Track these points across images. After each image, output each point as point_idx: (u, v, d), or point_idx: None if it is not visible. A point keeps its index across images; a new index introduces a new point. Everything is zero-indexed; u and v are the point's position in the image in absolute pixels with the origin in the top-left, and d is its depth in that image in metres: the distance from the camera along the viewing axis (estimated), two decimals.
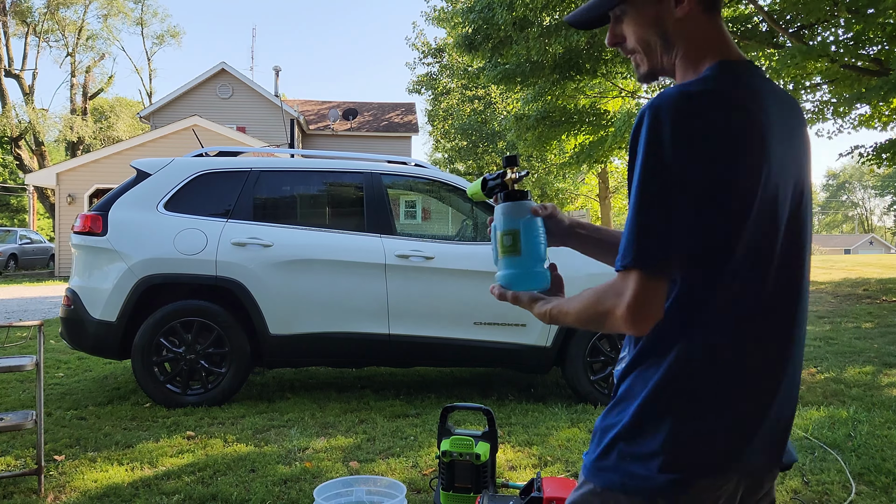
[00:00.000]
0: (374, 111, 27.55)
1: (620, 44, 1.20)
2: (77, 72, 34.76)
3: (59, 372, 6.00)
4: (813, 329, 8.34)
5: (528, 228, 1.24)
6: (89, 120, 34.22)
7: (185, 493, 3.15)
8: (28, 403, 4.87)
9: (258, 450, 3.78)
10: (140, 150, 17.80)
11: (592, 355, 4.82)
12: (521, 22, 12.07)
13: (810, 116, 13.48)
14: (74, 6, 33.23)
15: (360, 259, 4.81)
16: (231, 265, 4.72)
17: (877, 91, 9.56)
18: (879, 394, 5.11)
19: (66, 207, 18.35)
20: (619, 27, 1.19)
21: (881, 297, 11.24)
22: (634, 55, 1.19)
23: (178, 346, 4.71)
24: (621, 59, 12.93)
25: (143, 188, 4.91)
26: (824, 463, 3.56)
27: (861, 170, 74.94)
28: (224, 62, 23.55)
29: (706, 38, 1.13)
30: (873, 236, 65.65)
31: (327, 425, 4.29)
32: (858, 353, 6.79)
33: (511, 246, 1.23)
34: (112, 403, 4.83)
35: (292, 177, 5.22)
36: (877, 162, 12.27)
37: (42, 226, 40.24)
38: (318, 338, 4.74)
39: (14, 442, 3.95)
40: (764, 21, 11.86)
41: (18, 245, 21.96)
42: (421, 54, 31.91)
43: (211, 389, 4.73)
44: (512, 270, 1.24)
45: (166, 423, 4.30)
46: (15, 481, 3.30)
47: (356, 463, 3.59)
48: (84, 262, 4.84)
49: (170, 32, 39.89)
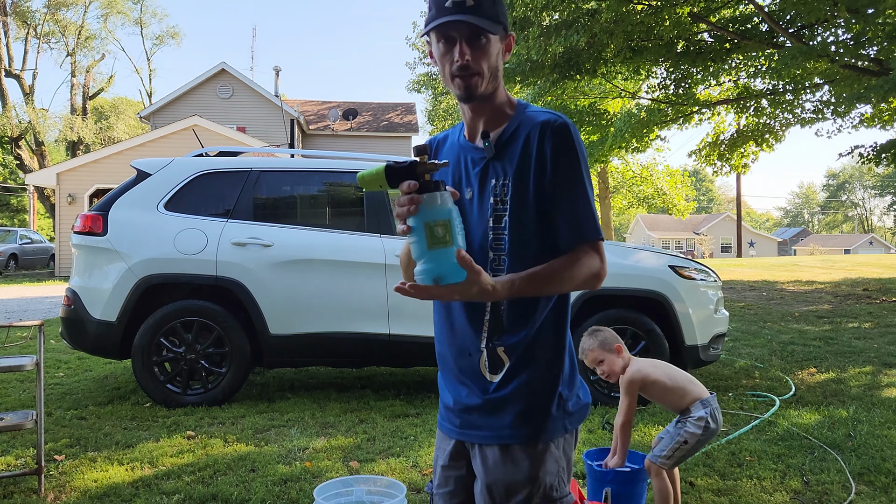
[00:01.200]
0: (374, 111, 27.54)
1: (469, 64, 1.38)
2: (77, 72, 34.77)
3: (59, 372, 6.00)
4: (813, 329, 8.35)
5: (456, 217, 1.23)
6: (89, 120, 34.21)
7: (185, 492, 3.15)
8: (28, 403, 4.87)
9: (258, 450, 3.78)
10: (140, 150, 17.79)
11: None
12: (521, 22, 12.06)
13: (810, 116, 13.49)
14: (74, 7, 33.23)
15: (360, 259, 4.81)
16: (231, 265, 4.73)
17: (877, 90, 9.56)
18: (879, 394, 5.12)
19: (67, 207, 18.34)
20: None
21: (881, 297, 11.24)
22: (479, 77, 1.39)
23: (179, 346, 4.71)
24: (621, 60, 12.92)
25: (144, 188, 4.91)
26: (824, 463, 3.57)
27: (861, 170, 74.99)
28: (224, 62, 23.53)
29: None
30: (873, 236, 65.63)
31: (327, 425, 4.29)
32: (858, 353, 6.79)
33: (443, 237, 1.19)
34: (112, 403, 4.83)
35: (292, 177, 5.22)
36: (876, 161, 12.27)
37: (42, 226, 40.25)
38: (318, 338, 4.75)
39: (14, 442, 3.95)
40: (764, 21, 11.85)
41: (18, 245, 21.96)
42: (421, 54, 31.95)
43: (211, 389, 4.73)
44: (445, 262, 1.18)
45: (166, 423, 4.30)
46: (15, 481, 3.30)
47: (356, 463, 3.59)
48: (84, 262, 4.84)
49: (169, 33, 39.91)
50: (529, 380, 1.41)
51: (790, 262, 22.09)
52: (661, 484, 2.76)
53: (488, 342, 1.41)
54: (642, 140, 15.18)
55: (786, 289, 13.25)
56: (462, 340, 1.45)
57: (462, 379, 1.46)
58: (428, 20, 1.39)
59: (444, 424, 1.53)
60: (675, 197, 28.22)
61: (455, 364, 1.47)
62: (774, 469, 3.48)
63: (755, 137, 14.77)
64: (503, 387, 1.41)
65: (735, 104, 14.22)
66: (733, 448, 3.81)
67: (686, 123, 15.12)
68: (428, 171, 1.23)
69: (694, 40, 12.91)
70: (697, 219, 65.49)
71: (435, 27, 1.35)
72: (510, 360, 1.41)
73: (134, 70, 56.91)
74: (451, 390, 1.50)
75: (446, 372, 1.52)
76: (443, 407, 1.54)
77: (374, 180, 1.27)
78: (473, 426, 1.44)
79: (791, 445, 3.86)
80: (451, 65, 1.37)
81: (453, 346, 1.47)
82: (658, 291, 4.85)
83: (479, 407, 1.43)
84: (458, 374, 1.47)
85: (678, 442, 2.76)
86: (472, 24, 1.33)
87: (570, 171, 1.37)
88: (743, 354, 6.83)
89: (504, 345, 1.41)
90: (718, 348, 5.11)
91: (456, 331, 1.46)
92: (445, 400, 1.52)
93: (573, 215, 1.37)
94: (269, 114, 22.98)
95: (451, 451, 1.51)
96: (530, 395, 1.40)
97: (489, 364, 1.42)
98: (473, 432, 1.44)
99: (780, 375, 5.81)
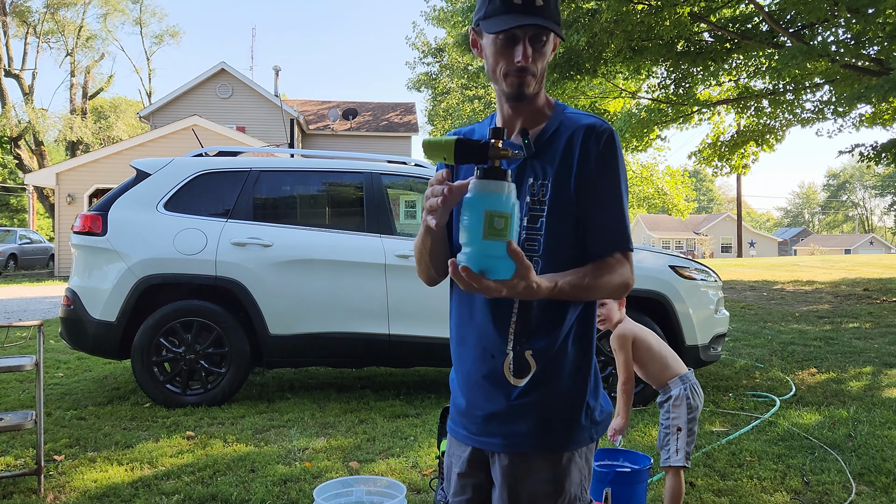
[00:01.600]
0: (374, 111, 27.52)
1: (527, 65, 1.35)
2: (77, 72, 34.77)
3: (58, 372, 6.00)
4: (813, 329, 8.34)
5: (517, 213, 1.16)
6: (89, 120, 34.22)
7: (184, 493, 3.14)
8: (28, 403, 4.87)
9: (258, 450, 3.78)
10: (140, 149, 17.78)
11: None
12: None
13: (811, 116, 13.48)
14: (74, 7, 33.23)
15: (360, 259, 4.81)
16: (231, 265, 4.72)
17: (878, 90, 9.55)
18: (879, 394, 5.11)
19: (66, 207, 18.34)
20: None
21: (881, 297, 11.24)
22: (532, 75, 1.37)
23: (178, 346, 4.71)
24: (621, 60, 12.92)
25: (143, 188, 4.91)
26: (824, 463, 3.56)
27: (861, 169, 74.99)
28: (224, 62, 23.51)
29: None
30: (873, 236, 65.63)
31: (327, 425, 4.29)
32: (858, 353, 6.79)
33: (502, 230, 1.13)
34: (112, 403, 4.83)
35: (292, 177, 5.21)
36: (876, 161, 12.27)
37: (42, 226, 40.22)
38: (317, 338, 4.74)
39: (14, 442, 3.94)
40: (764, 21, 11.85)
41: (18, 245, 21.96)
42: (421, 54, 31.90)
43: (211, 389, 4.72)
44: (496, 255, 1.13)
45: (166, 424, 4.29)
46: (15, 481, 3.29)
47: (356, 463, 3.59)
48: (84, 262, 4.84)
49: (169, 32, 39.90)
50: (556, 386, 1.36)
51: (790, 262, 22.09)
52: (678, 485, 2.77)
53: (515, 345, 1.35)
54: (642, 140, 15.17)
55: (786, 289, 13.25)
56: (485, 342, 1.38)
57: (481, 383, 1.39)
58: (489, 13, 1.32)
59: (458, 431, 1.45)
60: (676, 197, 28.21)
61: (474, 366, 1.40)
62: (775, 469, 3.48)
63: (755, 138, 14.76)
64: (528, 393, 1.35)
65: (735, 104, 14.21)
66: (734, 448, 3.80)
67: (686, 123, 15.12)
68: (500, 156, 1.16)
69: (694, 40, 12.90)
70: (698, 219, 65.49)
71: (505, 28, 1.29)
72: (537, 365, 1.35)
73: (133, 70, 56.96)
74: (466, 394, 1.43)
75: (462, 374, 1.44)
76: (455, 412, 1.47)
77: (440, 150, 1.20)
78: (494, 433, 1.37)
79: (791, 446, 3.85)
80: (509, 63, 1.33)
81: (476, 348, 1.40)
82: (658, 291, 4.85)
83: (500, 413, 1.36)
84: (478, 377, 1.40)
85: (674, 432, 2.78)
86: (543, 26, 1.30)
87: (613, 178, 1.36)
88: (743, 354, 6.83)
89: (532, 348, 1.35)
90: (719, 348, 5.11)
91: (479, 331, 1.39)
92: (459, 404, 1.45)
93: (612, 222, 1.36)
94: (269, 114, 22.97)
95: (467, 458, 1.43)
96: (557, 402, 1.36)
97: (514, 368, 1.35)
98: (494, 440, 1.37)
99: (780, 375, 5.80)
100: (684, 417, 2.77)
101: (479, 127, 1.50)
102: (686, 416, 2.77)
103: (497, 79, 1.36)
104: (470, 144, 1.17)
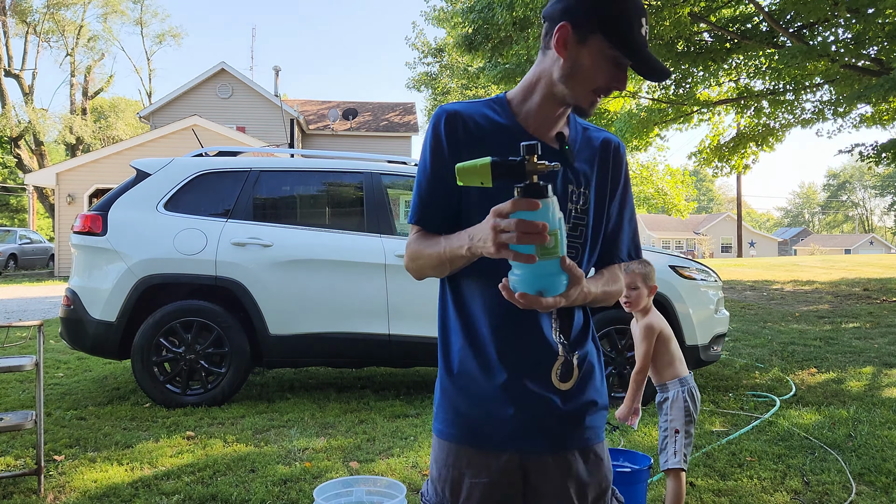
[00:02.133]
0: (374, 111, 27.53)
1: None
2: (77, 71, 34.78)
3: (58, 372, 6.00)
4: (813, 329, 8.34)
5: (562, 224, 1.13)
6: (89, 120, 34.22)
7: (184, 493, 3.14)
8: (28, 403, 4.87)
9: (258, 450, 3.78)
10: (140, 149, 17.78)
11: None
12: (521, 22, 12.06)
13: (811, 117, 13.49)
14: (74, 6, 33.23)
15: (360, 259, 4.81)
16: (231, 265, 4.72)
17: (877, 90, 9.56)
18: (879, 394, 5.11)
19: (66, 207, 18.34)
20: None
21: (881, 297, 11.24)
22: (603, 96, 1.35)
23: (178, 347, 4.71)
24: None
25: (143, 188, 4.91)
26: (824, 463, 3.56)
27: (861, 169, 74.96)
28: (224, 62, 23.52)
29: None
30: (874, 236, 65.64)
31: (327, 425, 4.29)
32: (858, 353, 6.79)
33: (553, 248, 1.10)
34: (112, 403, 4.83)
35: (292, 177, 5.21)
36: (876, 161, 12.27)
37: (42, 226, 40.22)
38: (317, 338, 4.74)
39: (14, 442, 3.94)
40: (764, 21, 11.85)
41: (18, 245, 21.96)
42: (421, 54, 31.91)
43: (211, 389, 4.72)
44: (551, 274, 1.11)
45: (166, 424, 4.29)
46: (15, 481, 3.29)
47: (356, 463, 3.59)
48: (84, 262, 4.84)
49: (169, 32, 39.91)
50: (594, 384, 1.41)
51: (790, 262, 22.09)
52: (679, 487, 2.77)
53: (566, 350, 1.36)
54: (642, 139, 15.18)
55: (786, 289, 13.25)
56: (531, 348, 1.35)
57: (525, 389, 1.34)
58: (625, 31, 1.25)
59: (491, 440, 1.35)
60: (676, 197, 28.22)
61: (515, 372, 1.34)
62: (775, 469, 3.48)
63: (755, 138, 14.77)
64: (577, 394, 1.37)
65: (735, 104, 14.21)
66: (734, 448, 3.80)
67: (686, 123, 15.12)
68: (538, 171, 1.11)
69: (694, 40, 12.91)
70: (698, 219, 65.49)
71: (629, 52, 1.26)
72: (580, 368, 1.38)
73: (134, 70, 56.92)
74: (499, 399, 1.35)
75: (490, 381, 1.36)
76: (479, 419, 1.37)
77: (476, 174, 1.14)
78: (546, 436, 1.35)
79: (791, 446, 3.85)
80: (606, 83, 1.29)
81: (519, 351, 1.34)
82: (658, 291, 4.84)
83: (554, 414, 1.35)
84: (521, 383, 1.34)
85: (671, 434, 2.79)
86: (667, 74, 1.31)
87: (631, 192, 1.48)
88: (743, 354, 6.83)
89: (578, 353, 1.38)
90: (719, 348, 5.11)
91: (525, 337, 1.35)
92: (483, 411, 1.36)
93: (633, 234, 1.49)
94: (269, 114, 22.97)
95: (501, 467, 1.35)
96: (597, 393, 1.42)
97: (561, 372, 1.35)
98: (544, 441, 1.35)
99: (780, 375, 5.80)
100: (681, 420, 2.77)
101: (476, 109, 1.40)
102: (683, 418, 2.77)
103: (579, 91, 1.30)
104: (505, 164, 1.13)
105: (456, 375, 1.38)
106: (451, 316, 1.41)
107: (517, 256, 1.09)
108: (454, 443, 1.37)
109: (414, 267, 1.40)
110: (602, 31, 1.25)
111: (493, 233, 1.11)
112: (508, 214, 1.10)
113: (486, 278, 1.32)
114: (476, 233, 1.18)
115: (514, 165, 1.12)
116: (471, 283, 1.37)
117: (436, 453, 1.41)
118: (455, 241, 1.26)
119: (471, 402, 1.36)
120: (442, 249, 1.29)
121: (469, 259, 1.24)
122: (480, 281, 1.35)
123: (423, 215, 1.38)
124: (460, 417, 1.38)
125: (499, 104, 1.39)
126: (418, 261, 1.37)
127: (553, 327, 1.35)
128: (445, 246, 1.28)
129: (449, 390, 1.39)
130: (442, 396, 1.41)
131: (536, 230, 1.07)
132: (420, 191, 1.38)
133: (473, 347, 1.36)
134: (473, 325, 1.37)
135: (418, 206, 1.38)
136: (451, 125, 1.35)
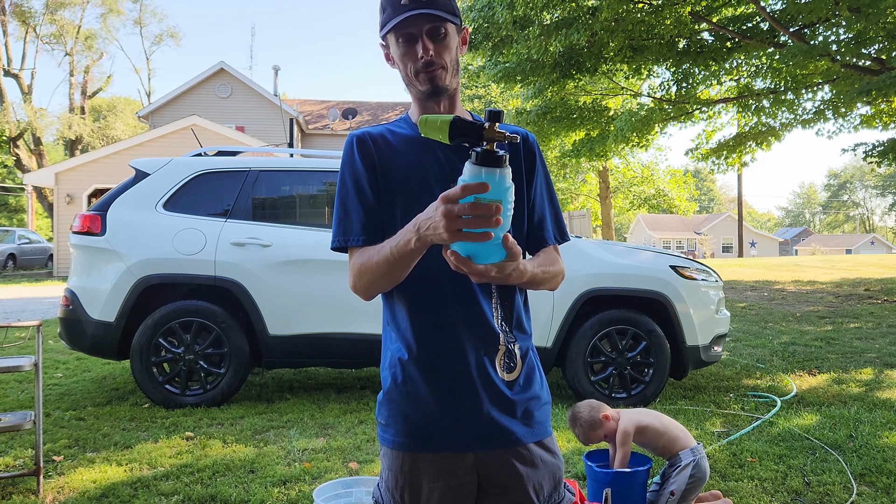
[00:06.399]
0: (373, 110, 27.52)
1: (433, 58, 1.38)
2: (76, 71, 34.74)
3: (57, 372, 5.99)
4: (814, 329, 8.33)
5: (510, 197, 1.11)
6: (88, 119, 34.20)
7: (183, 493, 3.13)
8: (26, 404, 4.86)
9: (257, 451, 3.77)
10: (139, 149, 17.77)
11: (593, 356, 4.80)
12: (521, 21, 12.05)
13: (812, 117, 13.48)
14: (73, 6, 33.20)
15: None
16: (230, 265, 4.71)
17: (878, 85, 9.56)
18: (880, 394, 5.10)
19: (65, 207, 18.33)
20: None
21: (882, 298, 11.23)
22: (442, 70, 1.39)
23: (177, 347, 4.69)
24: (622, 59, 12.90)
25: (142, 188, 4.90)
26: (825, 463, 3.55)
27: (862, 169, 75.00)
28: (223, 61, 23.49)
29: None
30: (875, 236, 65.65)
31: (327, 426, 4.28)
32: (860, 353, 6.78)
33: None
34: (111, 404, 4.82)
35: (291, 177, 5.20)
36: (878, 160, 12.27)
37: (41, 226, 40.20)
38: (317, 338, 4.73)
39: (13, 442, 3.93)
40: (765, 20, 11.84)
41: (17, 245, 21.94)
42: None
43: (210, 390, 4.71)
44: (497, 246, 1.11)
45: (165, 424, 4.28)
46: (14, 482, 3.28)
47: (355, 464, 3.58)
48: (83, 263, 4.83)
49: (168, 32, 39.96)
50: (536, 379, 1.43)
51: (791, 262, 22.09)
52: None
53: (507, 338, 1.38)
54: (643, 137, 15.16)
55: (787, 289, 13.24)
56: (474, 339, 1.35)
57: (469, 384, 1.34)
58: (384, 21, 1.37)
59: (445, 443, 1.35)
60: (677, 198, 28.25)
61: (457, 368, 1.34)
62: (775, 470, 3.46)
63: (755, 138, 14.76)
64: (524, 389, 1.39)
65: (737, 102, 14.20)
66: (734, 449, 3.79)
67: (688, 121, 15.11)
68: (495, 139, 1.11)
69: (695, 39, 12.90)
70: (698, 219, 65.49)
71: (394, 26, 1.34)
72: (521, 355, 1.40)
73: (133, 69, 56.78)
74: (446, 398, 1.35)
75: (434, 379, 1.36)
76: (423, 423, 1.36)
77: (436, 128, 1.16)
78: (503, 431, 1.35)
79: (792, 446, 3.84)
80: (415, 62, 1.36)
81: (461, 348, 1.34)
82: (659, 292, 4.83)
83: (504, 411, 1.35)
84: (465, 378, 1.34)
85: (666, 495, 2.83)
86: (433, 14, 1.32)
87: (549, 178, 1.53)
88: (744, 355, 6.82)
89: (519, 343, 1.40)
90: (719, 349, 5.10)
91: (458, 332, 1.34)
92: (432, 412, 1.36)
93: (556, 217, 1.51)
94: (268, 113, 22.96)
95: (457, 468, 1.36)
96: (540, 387, 1.44)
97: (505, 362, 1.37)
98: (498, 439, 1.35)
99: (781, 376, 5.79)
100: (683, 484, 2.80)
101: (386, 129, 1.47)
102: (686, 483, 2.80)
103: (411, 81, 1.39)
104: (463, 125, 1.13)
105: (400, 383, 1.38)
106: (388, 323, 1.45)
107: (473, 237, 1.09)
108: (409, 451, 1.37)
109: (362, 284, 1.37)
110: (383, 30, 1.38)
111: (445, 220, 1.08)
112: (458, 199, 1.08)
113: (420, 277, 1.35)
114: (423, 223, 1.15)
115: (473, 127, 1.12)
116: (402, 287, 1.38)
117: (389, 462, 1.39)
118: (400, 237, 1.22)
119: (420, 409, 1.36)
120: (388, 251, 1.26)
121: (420, 251, 1.21)
122: (413, 281, 1.35)
123: (354, 231, 1.39)
124: (411, 426, 1.37)
125: (402, 121, 1.48)
126: (365, 275, 1.34)
127: (494, 315, 1.37)
128: (391, 246, 1.25)
129: (396, 399, 1.38)
130: (389, 406, 1.40)
131: (490, 213, 1.06)
132: (346, 211, 1.41)
133: (414, 351, 1.37)
134: (409, 327, 1.38)
135: (348, 225, 1.40)
136: (363, 144, 1.42)
